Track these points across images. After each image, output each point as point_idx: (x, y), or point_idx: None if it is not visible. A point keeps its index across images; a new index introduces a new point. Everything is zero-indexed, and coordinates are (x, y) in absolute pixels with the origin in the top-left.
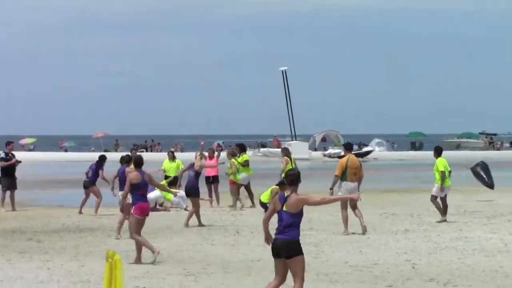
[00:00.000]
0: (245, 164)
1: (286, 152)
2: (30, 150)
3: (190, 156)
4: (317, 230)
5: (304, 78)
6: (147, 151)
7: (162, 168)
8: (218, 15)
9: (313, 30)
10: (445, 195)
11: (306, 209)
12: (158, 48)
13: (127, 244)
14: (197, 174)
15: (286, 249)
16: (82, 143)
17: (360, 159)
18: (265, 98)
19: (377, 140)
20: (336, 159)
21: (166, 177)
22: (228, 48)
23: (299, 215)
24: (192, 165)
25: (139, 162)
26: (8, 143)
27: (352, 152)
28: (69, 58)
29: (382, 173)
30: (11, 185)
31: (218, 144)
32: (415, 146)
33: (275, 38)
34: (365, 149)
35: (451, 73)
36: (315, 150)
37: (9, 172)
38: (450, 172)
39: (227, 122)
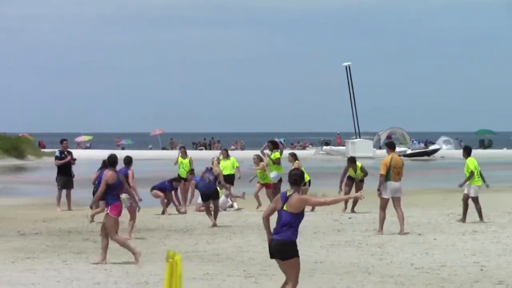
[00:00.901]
0: (276, 162)
1: (295, 157)
2: (86, 148)
3: (249, 154)
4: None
5: (369, 74)
6: (206, 148)
7: None
8: (279, 8)
9: (377, 24)
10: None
11: (371, 208)
12: (216, 42)
13: (187, 245)
14: (216, 178)
15: (280, 250)
16: (140, 141)
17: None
18: (329, 95)
19: (444, 138)
20: (402, 157)
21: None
22: (290, 43)
23: (299, 215)
24: (209, 169)
25: (112, 162)
26: (62, 141)
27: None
28: (122, 54)
29: (449, 172)
30: (67, 184)
31: (280, 142)
32: (483, 144)
33: (338, 32)
34: (432, 147)
35: None
36: (380, 148)
37: (65, 170)
38: (479, 171)
39: (289, 119)
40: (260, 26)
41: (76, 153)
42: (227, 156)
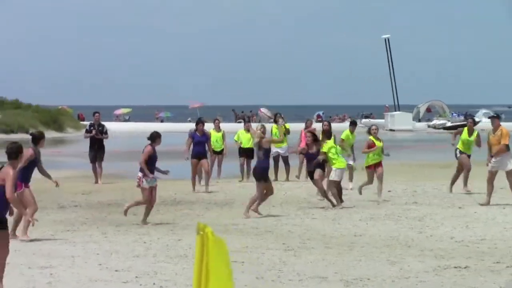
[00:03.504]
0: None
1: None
2: (125, 120)
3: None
4: (422, 204)
5: (408, 46)
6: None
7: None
8: None
9: None
10: None
11: (410, 180)
12: (254, 13)
13: (226, 217)
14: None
15: None
16: (179, 114)
17: None
18: (367, 67)
19: (484, 110)
20: (442, 130)
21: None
22: (328, 13)
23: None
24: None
25: (32, 139)
26: (94, 113)
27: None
28: (159, 24)
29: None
30: (95, 157)
31: (319, 115)
32: None
33: (378, 3)
34: None
35: None
36: (419, 121)
37: (93, 144)
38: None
39: (328, 93)
40: None
41: (115, 126)
42: (248, 130)
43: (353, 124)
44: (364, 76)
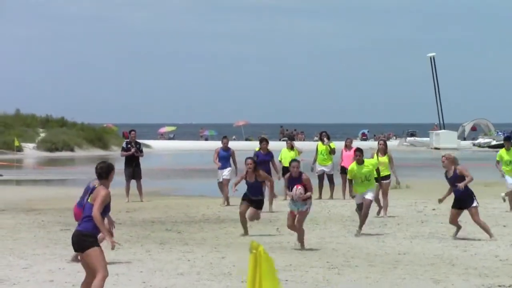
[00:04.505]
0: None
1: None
2: (170, 138)
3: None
4: (466, 223)
5: (454, 64)
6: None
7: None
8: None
9: (464, 12)
10: None
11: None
12: (301, 34)
13: (270, 235)
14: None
15: (78, 241)
16: (223, 132)
17: None
18: (412, 86)
19: None
20: (487, 148)
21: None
22: (375, 34)
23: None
24: None
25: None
26: (130, 131)
27: (502, 142)
28: (206, 45)
29: None
30: (132, 175)
31: (364, 133)
32: None
33: (423, 22)
34: None
35: None
36: (464, 139)
37: (130, 161)
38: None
39: (374, 111)
40: (345, 18)
41: (160, 144)
42: (291, 147)
43: (508, 140)
44: (409, 94)
